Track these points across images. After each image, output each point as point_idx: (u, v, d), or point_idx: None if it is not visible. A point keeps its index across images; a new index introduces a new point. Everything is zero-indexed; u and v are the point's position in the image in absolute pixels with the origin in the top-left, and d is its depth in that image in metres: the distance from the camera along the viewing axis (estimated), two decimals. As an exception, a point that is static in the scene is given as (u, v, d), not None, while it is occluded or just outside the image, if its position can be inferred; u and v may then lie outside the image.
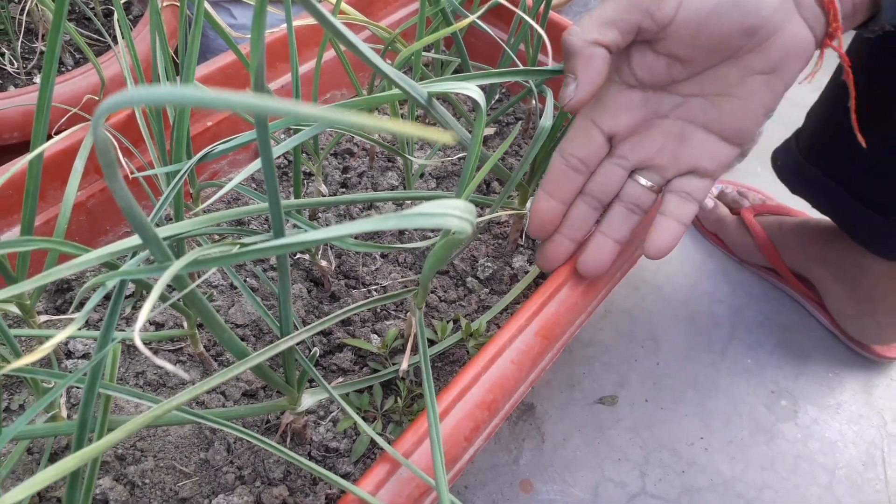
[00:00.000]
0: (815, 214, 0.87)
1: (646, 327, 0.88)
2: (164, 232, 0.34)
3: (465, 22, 0.39)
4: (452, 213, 0.18)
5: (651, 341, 0.87)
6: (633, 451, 0.77)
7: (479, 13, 0.39)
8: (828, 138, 0.77)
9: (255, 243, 0.27)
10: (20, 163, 0.38)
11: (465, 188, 0.34)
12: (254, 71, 0.25)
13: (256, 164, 0.35)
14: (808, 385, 0.85)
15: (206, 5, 0.40)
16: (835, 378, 0.86)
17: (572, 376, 0.82)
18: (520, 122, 0.79)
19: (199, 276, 0.54)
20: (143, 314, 0.19)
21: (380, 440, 0.42)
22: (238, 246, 0.32)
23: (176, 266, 0.23)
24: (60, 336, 0.26)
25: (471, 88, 0.30)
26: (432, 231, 0.65)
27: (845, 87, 0.46)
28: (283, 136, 0.69)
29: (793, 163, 0.82)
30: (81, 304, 0.55)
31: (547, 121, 0.46)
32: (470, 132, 0.69)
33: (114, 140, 0.54)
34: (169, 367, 0.18)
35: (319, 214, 0.66)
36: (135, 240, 0.30)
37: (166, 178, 0.46)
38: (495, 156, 0.36)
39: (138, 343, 0.18)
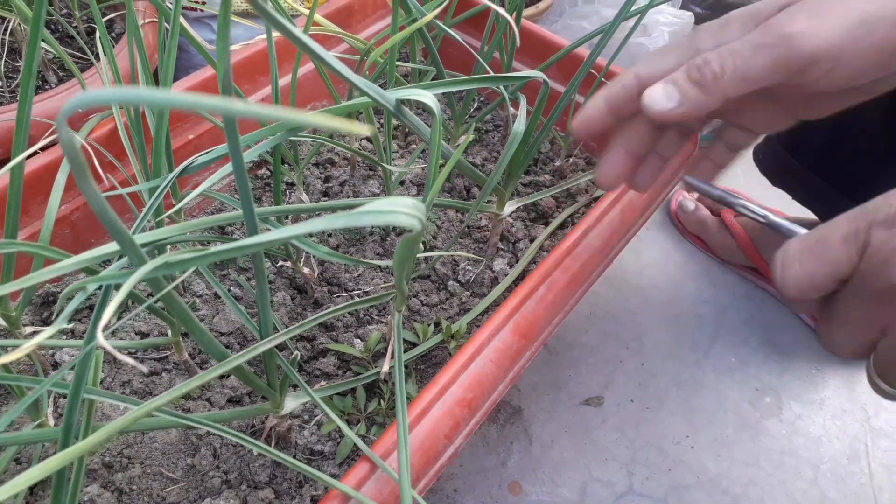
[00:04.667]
0: (794, 214, 0.88)
1: (630, 328, 0.89)
2: (141, 238, 0.35)
3: (424, 20, 0.40)
4: (400, 210, 0.19)
5: (636, 342, 0.88)
6: (620, 450, 0.78)
7: (432, 14, 0.40)
8: (807, 130, 0.79)
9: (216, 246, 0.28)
10: None
11: (429, 190, 0.35)
12: (220, 76, 0.26)
13: (227, 168, 0.36)
14: (791, 382, 0.86)
15: (182, 21, 0.41)
16: (818, 374, 0.87)
17: (558, 378, 0.83)
18: (499, 128, 0.81)
19: (178, 278, 0.55)
20: (108, 312, 0.20)
21: (359, 442, 0.43)
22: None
23: (145, 268, 0.24)
24: (40, 338, 0.27)
25: (425, 95, 0.31)
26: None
27: None
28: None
29: (773, 155, 0.85)
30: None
31: (520, 126, 0.48)
32: (447, 140, 0.70)
33: (92, 153, 0.55)
34: (130, 361, 0.19)
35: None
36: (114, 246, 0.31)
37: (149, 192, 0.47)
38: (455, 156, 0.37)
39: (101, 340, 0.19)
